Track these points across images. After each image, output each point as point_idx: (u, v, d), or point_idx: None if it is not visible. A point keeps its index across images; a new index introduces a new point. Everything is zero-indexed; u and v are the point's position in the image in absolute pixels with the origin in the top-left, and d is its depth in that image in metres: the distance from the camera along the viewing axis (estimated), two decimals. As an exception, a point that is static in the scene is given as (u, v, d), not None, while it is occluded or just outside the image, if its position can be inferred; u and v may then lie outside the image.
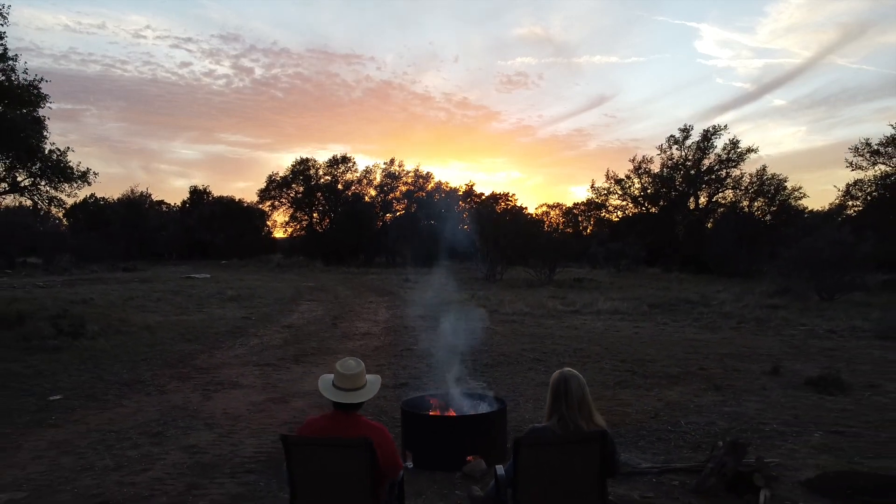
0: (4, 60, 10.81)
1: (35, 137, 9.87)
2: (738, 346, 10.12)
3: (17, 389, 7.14)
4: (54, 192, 11.66)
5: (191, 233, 44.24)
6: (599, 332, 11.75)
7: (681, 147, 31.99)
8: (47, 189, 11.24)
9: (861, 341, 10.63)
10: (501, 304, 15.50)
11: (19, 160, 10.11)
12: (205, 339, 10.74)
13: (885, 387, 7.21)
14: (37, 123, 11.17)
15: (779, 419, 5.90)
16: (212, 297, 17.61)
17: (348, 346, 10.27)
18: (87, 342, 9.96)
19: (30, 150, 9.79)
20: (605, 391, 7.08)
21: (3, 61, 10.78)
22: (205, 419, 6.05)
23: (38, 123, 11.19)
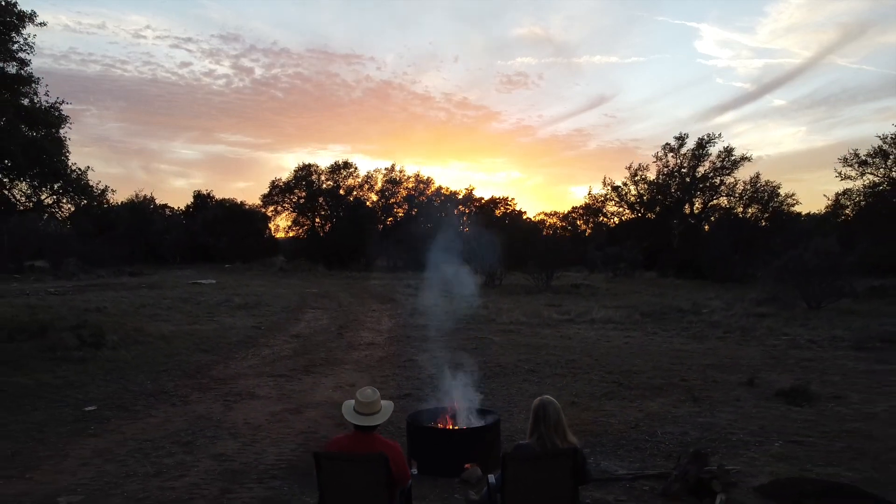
0: (28, 84, 11.46)
1: (59, 159, 10.51)
2: (721, 356, 10.77)
3: (52, 400, 7.78)
4: (74, 209, 12.29)
5: (194, 237, 44.87)
6: (592, 341, 12.40)
7: (676, 154, 32.71)
8: (69, 207, 11.87)
9: (838, 352, 11.28)
10: (500, 313, 16.15)
11: (44, 181, 10.73)
12: (219, 349, 11.38)
13: (849, 398, 7.85)
14: (59, 144, 11.82)
15: (746, 429, 6.54)
16: (221, 305, 18.25)
17: (354, 356, 10.91)
18: (108, 353, 10.59)
19: (55, 173, 10.42)
20: (592, 402, 7.72)
21: (27, 84, 11.44)
22: (228, 429, 6.69)
23: (60, 144, 11.84)
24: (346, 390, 8.43)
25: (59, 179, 10.53)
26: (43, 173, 10.36)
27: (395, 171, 43.62)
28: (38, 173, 10.34)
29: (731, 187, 31.96)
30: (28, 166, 9.94)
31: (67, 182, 10.70)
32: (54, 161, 10.24)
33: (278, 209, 43.15)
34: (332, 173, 42.53)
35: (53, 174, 10.38)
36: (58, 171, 10.36)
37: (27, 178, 10.41)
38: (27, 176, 10.29)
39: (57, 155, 10.39)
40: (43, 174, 10.40)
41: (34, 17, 11.23)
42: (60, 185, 10.69)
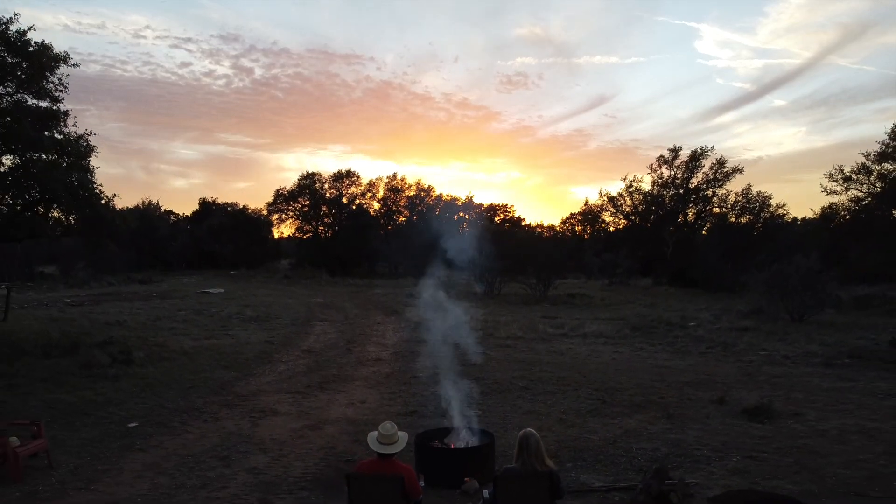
0: (61, 119, 12.41)
1: (93, 192, 11.45)
2: (700, 373, 11.72)
3: (98, 417, 8.74)
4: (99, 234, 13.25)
5: (200, 243, 45.90)
6: (582, 357, 13.36)
7: (670, 166, 33.76)
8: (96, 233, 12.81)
9: (808, 368, 12.24)
10: (498, 327, 17.11)
11: (80, 213, 11.66)
12: (238, 365, 12.34)
13: (806, 416, 8.81)
14: (87, 172, 12.79)
15: (710, 445, 7.50)
16: (233, 318, 19.21)
17: (363, 372, 11.87)
18: (138, 369, 11.55)
19: (91, 205, 11.36)
20: (577, 419, 8.68)
21: (60, 120, 12.39)
22: (257, 444, 7.65)
23: (89, 173, 12.80)
24: (358, 407, 9.39)
25: (94, 212, 11.46)
26: (79, 206, 11.30)
27: (396, 178, 44.74)
28: (76, 207, 11.27)
29: (723, 198, 33.05)
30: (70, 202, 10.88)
31: (98, 212, 11.63)
32: (90, 195, 11.18)
33: (282, 217, 44.14)
34: (336, 181, 43.55)
35: (89, 206, 11.31)
36: (92, 204, 11.30)
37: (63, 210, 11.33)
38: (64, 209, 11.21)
39: (90, 188, 11.33)
40: (79, 207, 11.33)
41: (68, 58, 12.20)
42: (92, 215, 11.61)
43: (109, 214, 11.76)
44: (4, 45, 11.15)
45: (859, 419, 8.62)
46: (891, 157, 22.96)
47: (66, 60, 12.12)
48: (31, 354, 12.37)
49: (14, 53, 11.56)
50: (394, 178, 44.58)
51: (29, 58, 11.60)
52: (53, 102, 12.23)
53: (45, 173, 10.37)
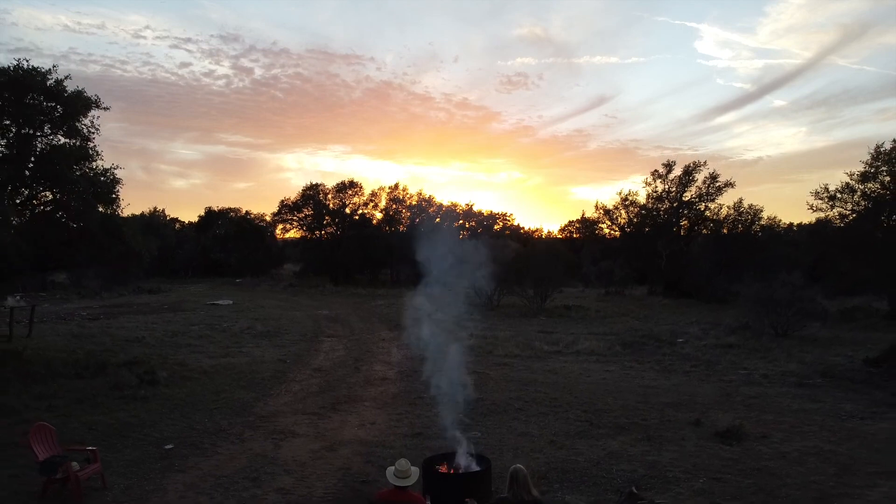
0: (92, 158, 13.42)
1: (121, 227, 12.43)
2: (682, 393, 12.72)
3: (136, 439, 9.73)
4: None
5: (206, 252, 46.96)
6: (574, 377, 14.36)
7: (664, 181, 34.83)
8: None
9: (782, 388, 13.23)
10: (496, 344, 18.10)
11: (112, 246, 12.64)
12: (255, 385, 13.32)
13: (772, 438, 9.80)
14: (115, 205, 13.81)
15: (682, 467, 8.49)
16: (244, 333, 20.22)
17: (371, 392, 12.86)
18: (164, 390, 12.54)
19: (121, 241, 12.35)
20: (566, 441, 9.67)
21: (91, 159, 13.39)
22: (282, 465, 8.64)
23: (117, 205, 13.81)
24: (368, 428, 10.38)
25: (125, 246, 12.47)
26: (112, 242, 12.28)
27: (398, 188, 45.80)
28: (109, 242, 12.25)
29: (715, 212, 34.13)
30: (104, 238, 11.87)
31: (128, 245, 12.63)
32: (121, 231, 12.18)
33: (287, 227, 45.21)
34: (339, 192, 44.59)
35: (120, 241, 12.31)
36: (123, 239, 12.30)
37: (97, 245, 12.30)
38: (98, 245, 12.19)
39: (120, 223, 12.33)
40: (112, 242, 12.32)
41: (98, 102, 13.21)
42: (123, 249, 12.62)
43: (137, 247, 12.74)
44: (44, 93, 12.15)
45: (819, 441, 9.62)
46: (874, 177, 23.95)
47: (97, 104, 13.13)
48: (63, 375, 13.35)
49: (52, 100, 12.56)
50: (395, 188, 45.72)
51: (65, 103, 12.60)
52: (84, 142, 13.21)
53: (82, 212, 11.35)
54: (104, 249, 12.17)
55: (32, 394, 11.96)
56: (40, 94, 12.41)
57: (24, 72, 12.12)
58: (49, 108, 12.75)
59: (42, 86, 12.30)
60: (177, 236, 50.70)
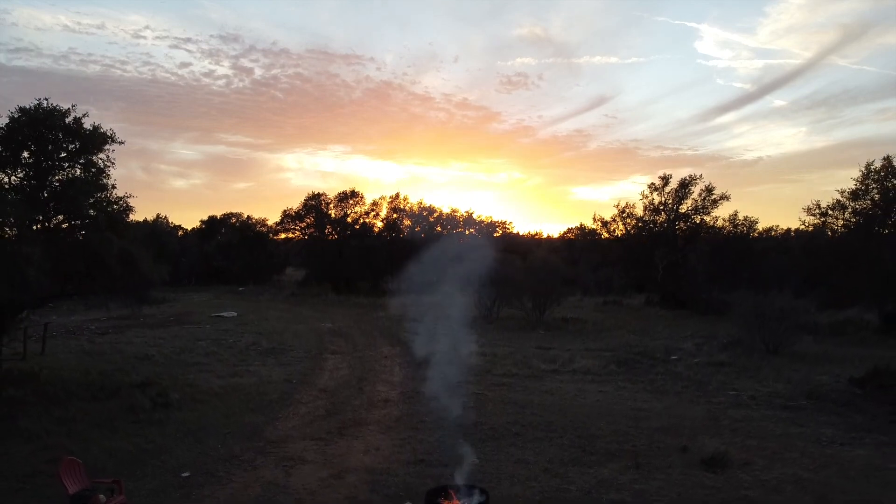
0: (107, 190, 14.01)
1: (136, 258, 13.04)
2: (672, 416, 13.30)
3: (154, 466, 10.30)
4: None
5: (209, 259, 47.58)
6: (570, 398, 14.95)
7: (661, 193, 35.50)
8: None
9: (768, 411, 13.83)
10: (495, 362, 18.70)
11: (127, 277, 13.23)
12: (264, 407, 13.90)
13: (754, 465, 10.39)
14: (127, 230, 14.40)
15: (668, 497, 9.07)
16: (250, 350, 20.82)
17: (375, 415, 13.44)
18: (177, 413, 13.12)
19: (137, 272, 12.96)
20: (560, 468, 10.26)
21: (107, 190, 13.98)
22: (293, 494, 9.22)
23: (129, 232, 14.40)
24: (373, 455, 10.96)
25: (140, 276, 13.07)
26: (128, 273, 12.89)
27: (399, 198, 46.47)
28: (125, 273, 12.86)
29: (711, 224, 34.79)
30: (120, 270, 12.48)
31: (143, 275, 13.23)
32: (137, 262, 12.79)
33: (289, 236, 45.82)
34: (340, 202, 45.23)
35: (136, 273, 12.92)
36: (139, 270, 12.91)
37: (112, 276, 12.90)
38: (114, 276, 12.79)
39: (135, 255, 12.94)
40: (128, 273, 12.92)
41: (114, 137, 13.80)
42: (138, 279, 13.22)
43: (151, 276, 13.34)
44: (64, 131, 12.75)
45: (798, 468, 10.21)
46: (863, 195, 24.58)
47: (112, 139, 13.72)
48: (80, 397, 13.93)
49: (69, 135, 13.16)
50: (396, 198, 46.40)
51: (82, 139, 13.19)
52: (100, 175, 13.80)
53: (99, 245, 11.95)
54: (120, 280, 12.75)
55: (52, 417, 12.54)
56: (59, 131, 12.99)
57: (45, 111, 12.72)
58: (67, 142, 13.32)
59: (61, 123, 12.89)
60: (180, 243, 51.28)
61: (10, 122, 12.84)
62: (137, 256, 12.83)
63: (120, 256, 12.38)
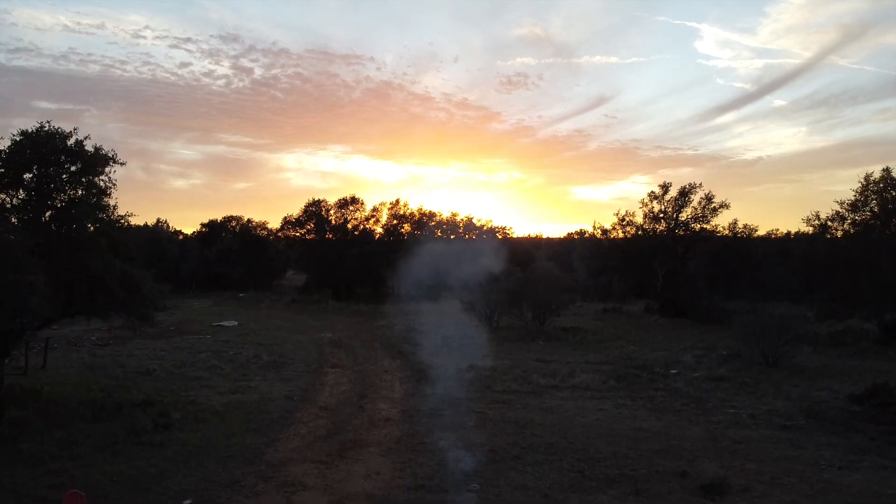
0: (107, 212, 14.06)
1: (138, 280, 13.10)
2: (671, 438, 13.34)
3: (157, 493, 10.34)
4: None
5: (210, 266, 47.67)
6: (570, 416, 15.00)
7: (661, 201, 35.60)
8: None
9: (767, 431, 13.88)
10: (494, 378, 18.75)
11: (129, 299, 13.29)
12: (265, 427, 13.95)
13: (754, 490, 10.45)
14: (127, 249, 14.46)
15: (666, 526, 9.14)
16: (251, 364, 20.89)
17: (375, 435, 13.48)
18: (179, 434, 13.17)
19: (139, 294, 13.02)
20: (559, 494, 10.31)
21: (108, 211, 14.04)
22: (295, 523, 9.28)
23: (129, 251, 14.46)
24: (373, 479, 11.01)
25: (141, 297, 13.14)
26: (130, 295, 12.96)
27: (399, 204, 46.57)
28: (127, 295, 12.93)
29: (710, 232, 34.86)
30: (124, 296, 12.55)
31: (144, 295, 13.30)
32: (139, 284, 12.85)
33: (290, 234, 46.03)
34: (340, 208, 45.33)
35: (138, 296, 12.99)
36: (141, 292, 12.97)
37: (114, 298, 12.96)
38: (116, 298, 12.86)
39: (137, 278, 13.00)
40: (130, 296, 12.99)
41: (116, 158, 13.86)
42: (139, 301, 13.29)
43: (153, 296, 13.41)
44: (66, 154, 12.81)
45: (797, 495, 10.27)
46: (862, 207, 24.67)
47: (114, 160, 13.79)
48: (82, 417, 13.99)
49: (71, 157, 13.22)
50: (396, 204, 46.51)
51: (84, 161, 13.25)
52: (101, 196, 13.86)
53: (102, 270, 12.02)
54: (122, 302, 12.81)
55: (54, 439, 12.59)
56: (61, 153, 13.05)
57: (46, 134, 12.79)
58: (69, 163, 13.38)
59: (63, 146, 12.95)
60: (180, 249, 51.36)
61: (12, 144, 12.90)
62: (139, 279, 12.89)
63: (122, 279, 12.44)
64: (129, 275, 12.77)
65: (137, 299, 12.96)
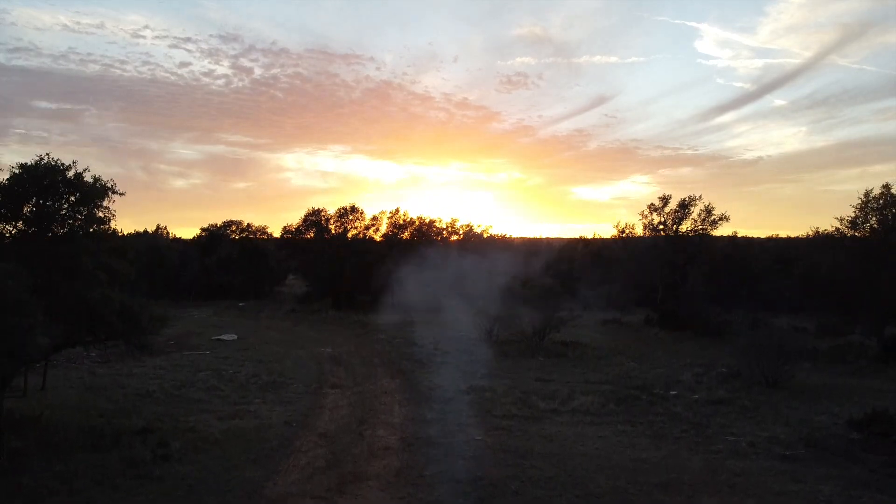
0: (109, 242, 14.07)
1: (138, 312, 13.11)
2: (671, 469, 13.32)
3: (156, 533, 10.37)
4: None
5: (210, 274, 47.68)
6: (570, 444, 14.98)
7: (660, 213, 35.65)
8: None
9: (767, 461, 13.87)
10: (494, 401, 18.73)
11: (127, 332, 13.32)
12: (264, 458, 13.92)
13: (752, 531, 10.45)
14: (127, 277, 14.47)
15: (665, 573, 9.13)
16: (251, 384, 20.89)
17: (376, 467, 13.44)
18: (178, 467, 13.13)
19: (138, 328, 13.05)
20: (559, 536, 10.32)
21: (109, 241, 14.04)
22: (293, 569, 9.28)
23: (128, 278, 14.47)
24: (373, 518, 11.02)
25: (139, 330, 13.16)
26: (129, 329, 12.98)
27: (399, 214, 46.63)
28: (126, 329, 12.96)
29: (710, 245, 34.91)
30: (120, 327, 12.56)
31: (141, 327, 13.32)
32: (138, 315, 12.88)
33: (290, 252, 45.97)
34: (340, 218, 45.35)
35: (137, 329, 13.00)
36: (140, 326, 12.99)
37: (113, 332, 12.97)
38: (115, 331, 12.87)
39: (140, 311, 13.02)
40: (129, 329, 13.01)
41: (115, 188, 13.86)
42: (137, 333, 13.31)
43: (152, 326, 13.42)
44: (65, 185, 12.82)
45: (795, 536, 10.27)
46: (861, 224, 24.71)
47: (113, 190, 13.79)
48: (82, 447, 13.97)
49: (70, 188, 13.22)
50: (396, 213, 46.57)
51: (83, 192, 13.26)
52: (101, 225, 13.86)
53: (101, 304, 12.04)
54: (121, 334, 12.82)
55: (53, 472, 12.56)
56: (60, 185, 13.05)
57: (45, 167, 12.79)
58: (67, 194, 13.39)
59: (63, 178, 12.95)
60: (180, 257, 51.33)
61: (11, 177, 12.91)
62: (138, 309, 12.89)
63: (120, 312, 12.45)
64: (128, 307, 12.76)
65: (136, 331, 12.96)
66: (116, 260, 13.79)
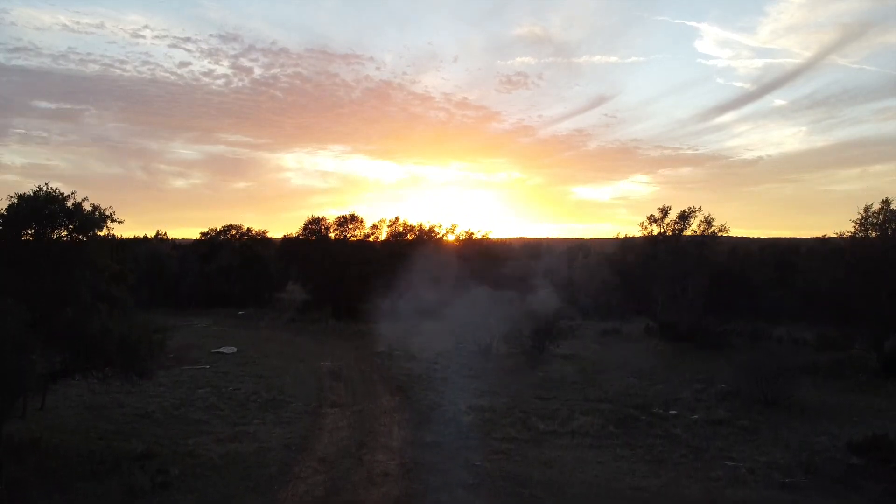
0: (108, 268, 14.05)
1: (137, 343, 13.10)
2: (670, 499, 13.31)
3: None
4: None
5: (210, 282, 47.72)
6: (569, 470, 14.96)
7: (660, 224, 35.63)
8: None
9: (766, 491, 13.84)
10: (494, 422, 18.71)
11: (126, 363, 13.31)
12: (263, 485, 13.91)
13: (751, 569, 10.44)
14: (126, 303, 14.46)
15: None
16: (250, 402, 20.90)
17: (374, 496, 13.44)
18: (177, 496, 13.16)
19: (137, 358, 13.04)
20: (558, 574, 10.30)
21: (106, 270, 14.03)
22: None
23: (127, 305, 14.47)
24: (372, 553, 11.01)
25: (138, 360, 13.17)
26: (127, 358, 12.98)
27: (398, 222, 46.65)
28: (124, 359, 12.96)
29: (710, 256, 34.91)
30: (122, 361, 12.56)
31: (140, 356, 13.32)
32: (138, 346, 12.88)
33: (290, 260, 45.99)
34: (340, 226, 45.36)
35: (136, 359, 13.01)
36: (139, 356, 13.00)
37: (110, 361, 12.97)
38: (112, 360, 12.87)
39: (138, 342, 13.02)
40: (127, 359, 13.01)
41: (113, 216, 13.86)
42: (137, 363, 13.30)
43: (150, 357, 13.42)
44: (64, 213, 12.83)
45: (795, 575, 10.26)
46: (861, 242, 24.72)
47: (111, 218, 13.78)
48: (81, 475, 13.95)
49: (68, 216, 13.23)
50: (396, 222, 46.59)
51: (81, 219, 13.26)
52: (100, 253, 13.86)
53: (100, 336, 12.04)
54: (121, 365, 12.83)
55: (53, 503, 12.59)
56: (59, 214, 13.06)
57: (44, 198, 12.79)
58: (66, 223, 13.39)
59: (62, 207, 12.95)
60: (179, 265, 51.35)
61: (10, 206, 12.91)
62: (137, 342, 12.88)
63: (120, 344, 12.45)
64: (126, 339, 12.75)
65: (136, 364, 12.96)
66: (117, 286, 13.76)
